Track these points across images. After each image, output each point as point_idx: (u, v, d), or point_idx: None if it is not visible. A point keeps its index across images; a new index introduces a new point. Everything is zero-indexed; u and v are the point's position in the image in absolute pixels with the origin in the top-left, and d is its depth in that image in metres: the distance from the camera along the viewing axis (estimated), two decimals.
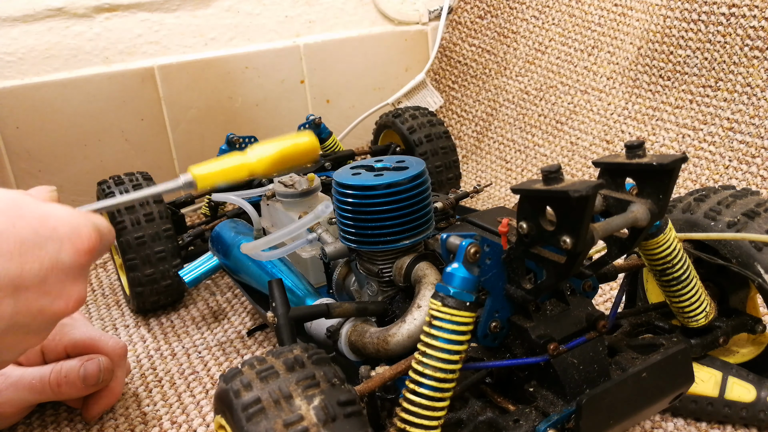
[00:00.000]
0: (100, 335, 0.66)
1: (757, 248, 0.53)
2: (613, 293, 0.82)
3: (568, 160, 1.17)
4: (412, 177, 0.55)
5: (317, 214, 0.66)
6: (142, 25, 1.16)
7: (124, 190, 0.82)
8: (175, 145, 1.21)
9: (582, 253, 0.39)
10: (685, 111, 1.05)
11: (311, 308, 0.53)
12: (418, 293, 0.52)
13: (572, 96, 1.21)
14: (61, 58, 1.11)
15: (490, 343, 0.47)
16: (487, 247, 0.44)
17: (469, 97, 1.37)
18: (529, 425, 0.43)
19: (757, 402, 0.55)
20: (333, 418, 0.36)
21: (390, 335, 0.50)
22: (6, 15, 1.06)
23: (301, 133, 0.53)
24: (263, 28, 1.28)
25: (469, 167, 1.30)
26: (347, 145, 1.32)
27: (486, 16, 1.37)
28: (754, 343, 0.59)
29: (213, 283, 0.96)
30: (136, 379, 0.75)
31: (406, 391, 0.41)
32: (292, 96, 1.30)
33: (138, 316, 0.88)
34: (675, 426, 0.59)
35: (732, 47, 0.99)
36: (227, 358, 0.77)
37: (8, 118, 1.07)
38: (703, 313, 0.53)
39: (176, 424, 0.67)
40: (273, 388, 0.38)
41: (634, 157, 0.41)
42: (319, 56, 1.32)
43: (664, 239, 0.50)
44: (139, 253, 0.80)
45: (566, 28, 1.24)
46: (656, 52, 1.09)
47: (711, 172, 0.99)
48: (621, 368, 0.46)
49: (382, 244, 0.55)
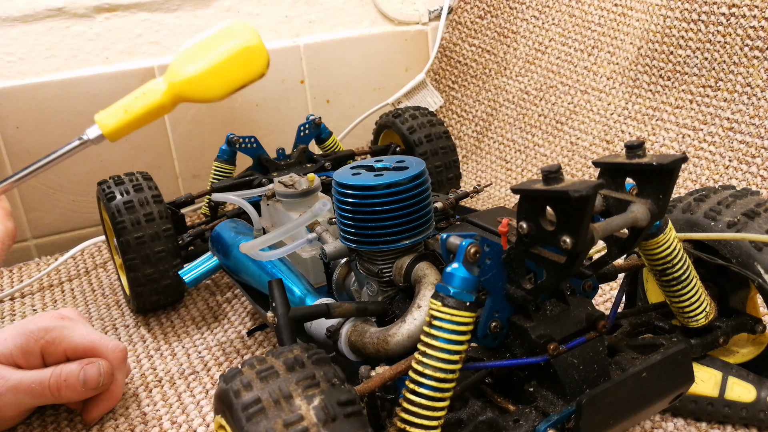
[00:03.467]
0: (100, 338, 0.66)
1: (757, 248, 0.52)
2: (613, 293, 0.81)
3: (568, 160, 1.17)
4: (412, 177, 0.55)
5: (314, 212, 0.66)
6: (142, 25, 1.16)
7: (125, 191, 0.82)
8: (175, 145, 1.21)
9: (582, 253, 0.39)
10: (685, 111, 1.05)
11: (311, 308, 0.53)
12: (418, 293, 0.52)
13: (572, 96, 1.21)
14: (61, 58, 1.11)
15: (490, 343, 0.47)
16: (487, 247, 0.44)
17: (469, 97, 1.37)
18: (529, 425, 0.43)
19: (757, 402, 0.55)
20: (333, 418, 0.36)
21: (390, 335, 0.50)
22: (6, 15, 1.06)
23: (234, 25, 0.42)
24: (263, 28, 1.28)
25: (469, 167, 1.30)
26: (347, 145, 1.32)
27: (486, 16, 1.37)
28: (754, 343, 0.59)
29: (213, 283, 0.96)
30: (136, 379, 0.75)
31: (406, 391, 0.41)
32: (292, 96, 1.30)
33: (138, 316, 0.88)
34: (675, 426, 0.59)
35: (732, 47, 0.99)
36: (227, 358, 0.77)
37: (8, 118, 1.07)
38: (703, 313, 0.53)
39: (176, 424, 0.67)
40: (273, 388, 0.38)
41: (634, 157, 0.41)
42: (319, 56, 1.32)
43: (664, 239, 0.50)
44: (139, 253, 0.80)
45: (566, 28, 1.24)
46: (656, 52, 1.09)
47: (711, 172, 0.99)
48: (621, 368, 0.46)
49: (382, 244, 0.55)
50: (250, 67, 0.42)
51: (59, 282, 1.02)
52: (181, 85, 0.41)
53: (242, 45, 0.42)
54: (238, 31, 0.42)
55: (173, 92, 0.41)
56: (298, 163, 1.00)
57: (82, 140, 0.41)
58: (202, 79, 0.41)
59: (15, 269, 1.08)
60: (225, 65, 0.41)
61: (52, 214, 1.14)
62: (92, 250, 1.10)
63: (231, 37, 0.42)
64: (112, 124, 0.41)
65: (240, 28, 0.42)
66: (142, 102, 0.41)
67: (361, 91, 1.38)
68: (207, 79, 0.41)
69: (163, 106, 0.41)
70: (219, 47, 0.41)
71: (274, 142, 1.13)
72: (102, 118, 0.41)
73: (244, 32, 0.42)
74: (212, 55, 0.41)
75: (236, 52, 0.41)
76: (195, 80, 0.41)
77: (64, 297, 0.97)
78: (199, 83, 0.41)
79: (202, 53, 0.41)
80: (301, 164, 1.00)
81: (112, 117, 0.41)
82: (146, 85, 0.41)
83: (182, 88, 0.41)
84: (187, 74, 0.41)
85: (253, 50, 0.42)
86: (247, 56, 0.42)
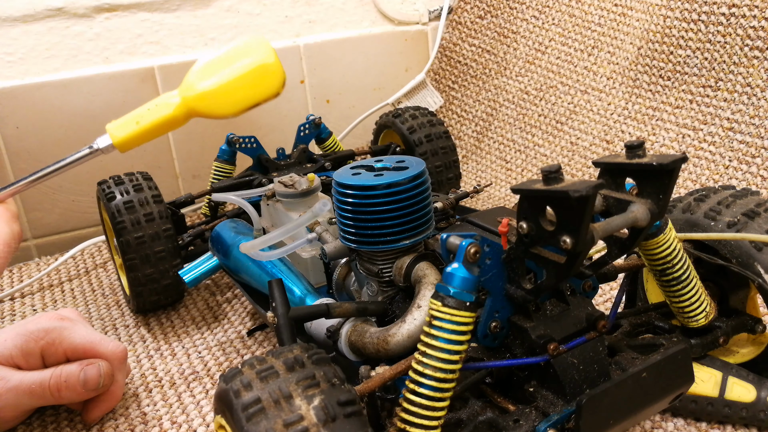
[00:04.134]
0: (101, 339, 0.66)
1: (757, 248, 0.52)
2: (613, 293, 0.81)
3: (568, 160, 1.17)
4: (412, 177, 0.55)
5: (315, 213, 0.66)
6: (142, 25, 1.16)
7: (125, 191, 0.82)
8: (175, 145, 1.21)
9: (582, 253, 0.39)
10: (685, 111, 1.05)
11: (311, 308, 0.53)
12: (418, 293, 0.52)
13: (572, 96, 1.21)
14: (61, 58, 1.11)
15: (490, 343, 0.47)
16: (487, 247, 0.44)
17: (469, 97, 1.37)
18: (529, 425, 0.43)
19: (757, 402, 0.55)
20: (333, 418, 0.36)
21: (390, 335, 0.50)
22: (6, 15, 1.06)
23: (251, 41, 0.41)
24: (263, 28, 1.28)
25: (469, 167, 1.30)
26: (347, 145, 1.32)
27: (486, 16, 1.37)
28: (754, 343, 0.59)
29: (213, 283, 0.96)
30: (136, 380, 0.75)
31: (406, 391, 0.41)
32: (292, 96, 1.30)
33: (138, 316, 0.88)
34: (675, 426, 0.59)
35: (732, 47, 0.99)
36: (227, 358, 0.77)
37: (8, 118, 1.07)
38: (703, 313, 0.53)
39: (176, 424, 0.67)
40: (273, 388, 0.38)
41: (634, 157, 0.41)
42: (319, 56, 1.32)
43: (664, 239, 0.50)
44: (139, 253, 0.80)
45: (566, 28, 1.24)
46: (656, 52, 1.09)
47: (711, 172, 0.99)
48: (621, 368, 0.46)
49: (382, 244, 0.55)
50: (265, 85, 0.41)
51: (59, 282, 1.02)
52: (194, 100, 0.40)
53: (258, 63, 0.41)
54: (255, 49, 0.41)
55: (186, 106, 0.40)
56: (298, 163, 1.00)
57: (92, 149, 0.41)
58: (215, 95, 0.40)
59: (15, 269, 1.08)
60: (240, 82, 0.41)
61: (52, 214, 1.14)
62: (92, 250, 1.10)
63: (247, 54, 0.41)
64: (123, 135, 0.40)
65: (257, 45, 0.41)
66: (155, 114, 0.41)
67: (361, 91, 1.38)
68: (221, 95, 0.41)
69: (176, 119, 0.41)
70: (234, 64, 0.40)
71: (274, 142, 1.13)
72: (113, 129, 0.41)
73: (260, 49, 0.41)
74: (227, 71, 0.40)
75: (251, 70, 0.41)
76: (209, 95, 0.40)
77: (64, 297, 0.97)
78: (212, 99, 0.41)
79: (217, 69, 0.41)
80: (301, 164, 1.00)
81: (124, 128, 0.41)
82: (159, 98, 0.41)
83: (195, 102, 0.40)
84: (201, 89, 0.40)
85: (268, 68, 0.41)
86: (262, 74, 0.41)
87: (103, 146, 0.41)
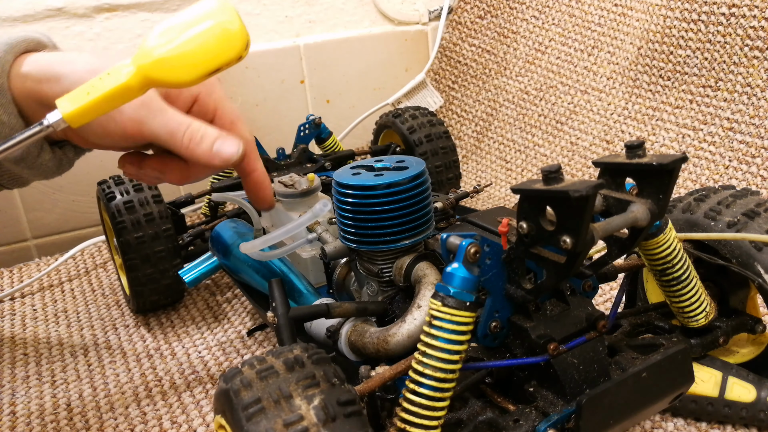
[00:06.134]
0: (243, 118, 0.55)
1: (757, 248, 0.52)
2: (613, 293, 0.82)
3: (568, 160, 1.17)
4: (412, 177, 0.55)
5: (315, 213, 0.66)
6: (142, 25, 1.16)
7: (125, 191, 0.82)
8: None
9: (582, 253, 0.39)
10: (685, 111, 1.05)
11: (311, 308, 0.53)
12: (418, 293, 0.52)
13: (572, 96, 1.21)
14: None
15: (490, 343, 0.47)
16: (487, 247, 0.44)
17: (469, 97, 1.37)
18: (529, 425, 0.43)
19: (757, 402, 0.55)
20: (333, 418, 0.36)
21: (390, 335, 0.50)
22: (6, 15, 1.06)
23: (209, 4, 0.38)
24: (263, 28, 1.28)
25: (469, 167, 1.30)
26: (347, 145, 1.32)
27: (486, 16, 1.37)
28: (754, 343, 0.59)
29: (213, 283, 0.96)
30: (136, 379, 0.75)
31: (406, 391, 0.41)
32: (292, 96, 1.30)
33: (138, 316, 0.88)
34: (675, 426, 0.59)
35: (732, 47, 0.99)
36: (227, 358, 0.77)
37: None
38: (703, 313, 0.53)
39: (176, 424, 0.67)
40: (273, 388, 0.38)
41: (634, 157, 0.41)
42: (319, 56, 1.32)
43: (664, 239, 0.50)
44: (139, 253, 0.80)
45: (566, 28, 1.24)
46: (656, 52, 1.09)
47: (711, 172, 0.99)
48: (621, 368, 0.46)
49: (382, 244, 0.55)
50: (225, 48, 0.39)
51: (59, 282, 1.02)
52: (149, 67, 0.38)
53: (217, 25, 0.39)
54: (215, 11, 0.39)
55: (141, 74, 0.38)
56: (298, 163, 1.00)
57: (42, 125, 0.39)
58: (172, 61, 0.38)
59: (15, 269, 1.08)
60: (198, 46, 0.38)
61: (52, 214, 1.14)
62: (92, 250, 1.10)
63: (206, 17, 0.39)
64: (74, 108, 0.38)
65: (217, 7, 0.39)
66: (107, 84, 0.38)
67: (361, 91, 1.38)
68: (178, 60, 0.38)
69: (130, 88, 0.39)
70: (192, 28, 0.39)
71: (274, 142, 1.13)
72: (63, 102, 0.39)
73: (221, 12, 0.39)
74: (184, 35, 0.38)
75: (210, 33, 0.39)
76: (165, 62, 0.38)
77: (64, 297, 0.97)
78: (169, 65, 0.38)
79: (174, 34, 0.38)
80: (301, 164, 1.00)
81: (74, 101, 0.38)
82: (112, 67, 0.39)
83: (151, 69, 0.38)
84: (156, 56, 0.38)
85: (229, 30, 0.39)
86: (222, 37, 0.38)
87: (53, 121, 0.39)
